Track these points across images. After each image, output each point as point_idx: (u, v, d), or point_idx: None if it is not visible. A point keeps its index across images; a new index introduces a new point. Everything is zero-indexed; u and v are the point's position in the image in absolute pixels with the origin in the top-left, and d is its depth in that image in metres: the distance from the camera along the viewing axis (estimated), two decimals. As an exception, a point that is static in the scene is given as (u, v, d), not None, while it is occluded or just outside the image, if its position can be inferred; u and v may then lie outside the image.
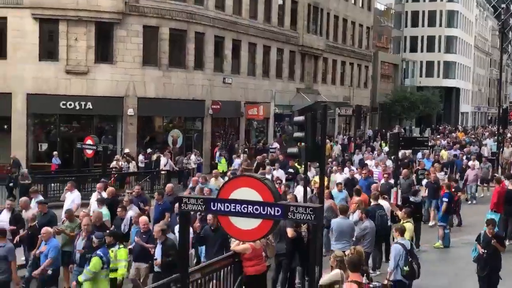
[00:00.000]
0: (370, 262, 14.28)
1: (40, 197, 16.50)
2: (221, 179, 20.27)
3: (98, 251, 10.95)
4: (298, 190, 18.36)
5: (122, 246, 11.82)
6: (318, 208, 7.96)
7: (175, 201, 14.30)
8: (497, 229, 13.05)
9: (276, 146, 36.12)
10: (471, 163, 27.02)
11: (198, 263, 12.64)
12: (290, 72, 44.66)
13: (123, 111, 31.19)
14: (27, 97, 29.62)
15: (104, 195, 16.79)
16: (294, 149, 14.73)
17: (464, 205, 21.88)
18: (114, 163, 27.38)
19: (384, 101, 64.97)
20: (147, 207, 16.72)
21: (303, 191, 14.67)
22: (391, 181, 20.33)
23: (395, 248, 11.44)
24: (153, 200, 17.10)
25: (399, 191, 19.51)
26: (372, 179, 21.84)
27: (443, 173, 24.66)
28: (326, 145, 21.33)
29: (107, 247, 11.35)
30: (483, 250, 11.97)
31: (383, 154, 31.31)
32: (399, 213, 14.90)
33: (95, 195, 17.27)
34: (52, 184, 24.88)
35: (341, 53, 53.30)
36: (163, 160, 28.71)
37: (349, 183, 20.40)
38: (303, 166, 15.77)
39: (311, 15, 46.41)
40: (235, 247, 10.79)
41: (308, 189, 16.35)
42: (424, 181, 21.90)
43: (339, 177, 21.94)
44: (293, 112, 42.22)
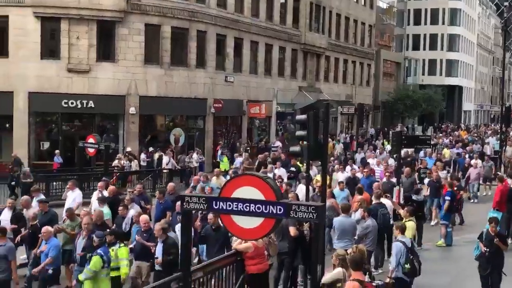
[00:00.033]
0: (372, 261, 14.28)
1: (42, 196, 16.41)
2: (223, 178, 20.27)
3: (99, 250, 10.93)
4: (300, 189, 18.34)
5: (123, 245, 11.78)
6: (320, 207, 7.95)
7: (177, 200, 14.32)
8: (499, 228, 13.02)
9: (278, 145, 36.07)
10: (474, 162, 26.99)
11: (199, 262, 12.62)
12: (292, 71, 44.62)
13: (125, 110, 31.18)
14: (29, 96, 29.62)
15: (105, 194, 16.80)
16: (296, 148, 14.71)
17: (466, 204, 21.85)
18: (116, 162, 27.37)
19: (387, 99, 64.85)
20: (149, 206, 16.71)
21: (305, 190, 14.65)
22: (393, 180, 20.32)
23: (396, 246, 11.44)
24: (154, 199, 17.09)
25: (401, 190, 19.51)
26: (374, 178, 21.81)
27: (446, 172, 24.64)
28: (328, 144, 21.30)
29: (108, 246, 11.32)
30: (485, 249, 11.95)
31: (385, 153, 31.27)
32: (402, 212, 14.90)
33: (96, 194, 17.25)
34: (54, 183, 24.92)
35: (344, 51, 53.25)
36: (165, 159, 28.73)
37: (351, 182, 20.36)
38: (305, 165, 15.76)
39: (313, 13, 46.33)
40: (237, 246, 10.76)
41: (310, 188, 16.32)
42: (426, 180, 21.85)
43: (341, 176, 21.89)
44: (295, 111, 42.12)
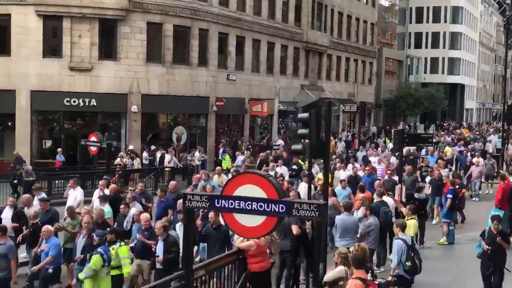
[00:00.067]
0: (375, 259, 14.27)
1: (43, 195, 16.37)
2: (224, 176, 20.24)
3: (99, 249, 10.92)
4: (301, 187, 18.33)
5: (124, 244, 11.73)
6: (323, 205, 7.95)
7: (178, 198, 14.31)
8: (501, 226, 13.01)
9: (281, 143, 36.07)
10: (475, 160, 26.93)
11: (200, 261, 12.61)
12: (294, 69, 44.60)
13: (127, 108, 31.19)
14: (31, 94, 29.61)
15: (107, 192, 16.75)
16: (298, 146, 14.72)
17: (468, 202, 21.83)
18: (118, 160, 27.33)
19: (389, 98, 64.77)
20: (150, 204, 16.69)
21: (307, 188, 14.63)
22: (394, 178, 20.31)
23: (397, 244, 11.44)
24: (156, 197, 17.07)
25: (404, 188, 19.49)
26: (375, 176, 21.78)
27: (447, 170, 24.59)
28: (330, 142, 21.28)
29: (108, 245, 11.29)
30: (488, 247, 11.93)
31: (387, 151, 31.24)
32: (404, 210, 14.89)
33: (97, 192, 17.20)
34: (57, 181, 24.89)
35: (346, 50, 53.20)
36: (167, 157, 28.71)
37: (352, 180, 20.36)
38: (307, 163, 15.75)
39: (315, 12, 46.29)
40: (240, 244, 10.75)
41: (312, 186, 16.31)
42: (428, 178, 21.82)
43: (343, 174, 21.89)
44: (297, 109, 42.08)
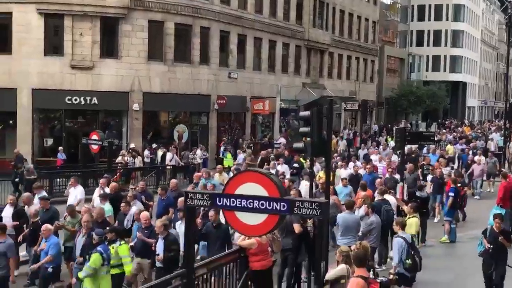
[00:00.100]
0: (376, 257, 14.26)
1: (44, 193, 16.29)
2: (225, 174, 20.21)
3: (99, 248, 10.88)
4: (302, 185, 18.30)
5: (124, 242, 11.65)
6: (324, 203, 7.91)
7: (179, 196, 14.29)
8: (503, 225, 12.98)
9: (282, 141, 36.02)
10: (477, 158, 26.86)
11: (201, 260, 12.60)
12: (296, 67, 44.55)
13: (129, 106, 31.19)
14: (32, 92, 29.61)
15: (107, 191, 16.69)
16: (300, 144, 14.68)
17: (470, 200, 21.78)
18: (120, 158, 27.33)
19: (390, 96, 64.73)
20: (151, 203, 16.65)
21: (309, 186, 14.61)
22: (396, 176, 20.27)
23: (397, 242, 11.42)
24: (157, 195, 17.04)
25: (405, 186, 19.46)
26: (376, 174, 21.73)
27: (449, 168, 24.53)
28: (332, 140, 21.26)
29: (108, 244, 11.24)
30: (489, 245, 11.91)
31: (389, 149, 31.20)
32: (405, 208, 14.87)
33: (98, 191, 17.12)
34: (58, 180, 24.91)
35: (347, 48, 53.14)
36: (169, 155, 28.70)
37: (354, 179, 20.32)
38: (308, 161, 15.71)
39: (317, 10, 46.23)
40: (241, 242, 10.74)
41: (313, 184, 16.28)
42: (429, 177, 21.79)
43: (344, 172, 21.85)
44: (299, 107, 42.06)
